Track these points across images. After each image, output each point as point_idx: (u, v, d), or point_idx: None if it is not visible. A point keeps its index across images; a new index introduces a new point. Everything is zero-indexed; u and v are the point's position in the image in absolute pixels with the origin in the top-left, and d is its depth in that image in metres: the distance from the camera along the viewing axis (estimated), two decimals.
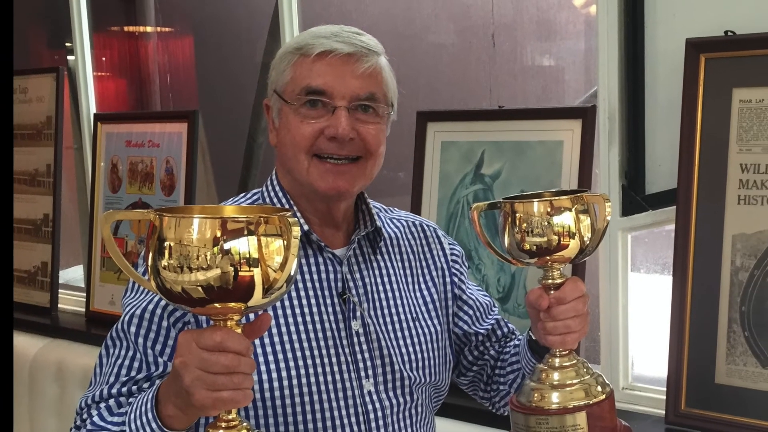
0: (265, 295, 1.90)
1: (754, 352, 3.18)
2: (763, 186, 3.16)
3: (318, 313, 2.51)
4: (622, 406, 3.58)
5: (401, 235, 2.78)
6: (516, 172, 3.83)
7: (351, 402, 2.51)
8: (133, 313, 2.42)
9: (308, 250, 2.55)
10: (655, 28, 3.47)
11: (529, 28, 4.57)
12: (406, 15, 5.04)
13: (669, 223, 3.45)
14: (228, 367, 1.92)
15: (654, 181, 3.54)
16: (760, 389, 3.16)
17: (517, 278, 3.85)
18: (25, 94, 5.83)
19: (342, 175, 2.49)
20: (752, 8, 3.22)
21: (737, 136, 3.22)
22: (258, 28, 5.41)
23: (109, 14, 6.35)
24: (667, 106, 3.45)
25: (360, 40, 2.53)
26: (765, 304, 3.16)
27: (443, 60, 4.92)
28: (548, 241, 2.36)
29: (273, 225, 1.89)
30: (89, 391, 2.43)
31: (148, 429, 2.13)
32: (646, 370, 3.71)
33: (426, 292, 2.77)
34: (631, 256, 3.67)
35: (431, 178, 4.09)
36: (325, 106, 2.46)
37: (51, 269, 5.62)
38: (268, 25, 5.21)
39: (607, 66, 3.54)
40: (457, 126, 4.06)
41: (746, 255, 3.19)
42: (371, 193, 2.73)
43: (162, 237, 1.86)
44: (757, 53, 3.19)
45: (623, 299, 3.66)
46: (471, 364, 2.91)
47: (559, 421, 2.37)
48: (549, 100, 4.50)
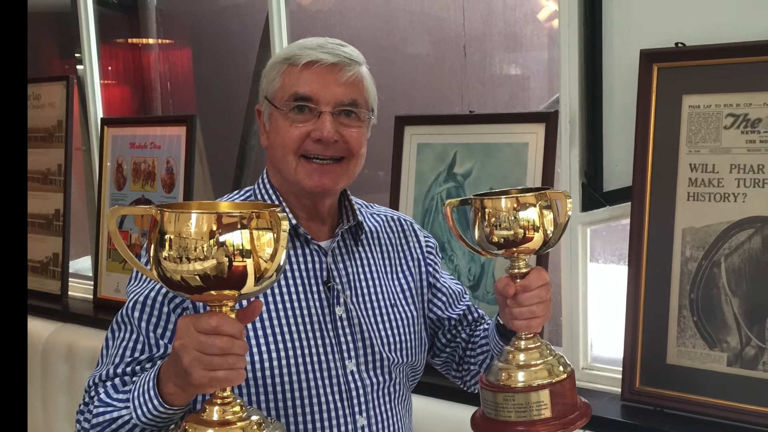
0: (256, 284, 1.91)
1: (702, 335, 3.19)
2: (711, 184, 3.18)
3: (305, 300, 2.52)
4: (582, 384, 3.59)
5: (381, 228, 2.79)
6: (485, 171, 3.84)
7: (335, 381, 2.52)
8: (137, 300, 2.43)
9: (296, 242, 2.55)
10: (612, 40, 3.48)
11: (497, 40, 4.57)
12: (385, 28, 5.04)
13: (624, 218, 3.45)
14: (223, 349, 1.93)
15: (611, 180, 3.54)
16: (708, 369, 3.18)
17: (486, 268, 3.85)
18: (38, 100, 5.81)
19: (327, 174, 2.50)
20: (700, 22, 3.23)
21: (687, 138, 3.22)
22: (250, 40, 5.40)
23: (114, 27, 6.33)
24: (623, 111, 3.45)
25: (343, 51, 2.53)
26: (712, 292, 3.17)
27: (419, 69, 4.92)
28: (515, 234, 2.37)
29: (264, 219, 1.90)
30: (96, 371, 2.43)
31: (150, 405, 2.15)
32: (604, 351, 3.71)
33: (403, 281, 2.77)
34: (590, 248, 3.66)
35: (408, 176, 4.10)
36: (312, 111, 2.47)
37: (62, 260, 5.62)
38: (259, 38, 5.21)
39: (568, 75, 3.54)
40: (431, 129, 4.06)
41: (695, 247, 3.21)
42: (353, 190, 2.74)
43: (163, 230, 1.87)
44: (705, 63, 3.20)
45: (583, 287, 3.66)
46: (444, 346, 2.91)
47: (524, 398, 2.38)
48: (515, 106, 4.50)
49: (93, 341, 4.94)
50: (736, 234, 3.12)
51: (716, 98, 3.17)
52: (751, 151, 3.09)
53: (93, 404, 2.34)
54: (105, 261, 5.42)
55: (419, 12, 4.88)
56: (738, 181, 3.12)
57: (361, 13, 5.21)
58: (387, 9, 5.07)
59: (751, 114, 3.09)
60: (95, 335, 4.99)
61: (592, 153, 3.56)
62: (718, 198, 3.16)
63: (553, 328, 3.83)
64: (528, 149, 3.71)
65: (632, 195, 3.34)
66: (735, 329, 3.13)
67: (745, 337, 3.11)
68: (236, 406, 2.01)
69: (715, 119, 3.17)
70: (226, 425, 1.98)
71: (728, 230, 3.14)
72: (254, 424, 2.00)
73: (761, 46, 3.06)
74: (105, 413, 2.28)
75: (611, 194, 3.53)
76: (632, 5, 3.41)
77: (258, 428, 2.00)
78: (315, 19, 5.32)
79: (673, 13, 3.30)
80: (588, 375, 3.65)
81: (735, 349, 3.13)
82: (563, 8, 3.52)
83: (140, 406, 2.16)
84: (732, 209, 3.13)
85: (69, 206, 5.64)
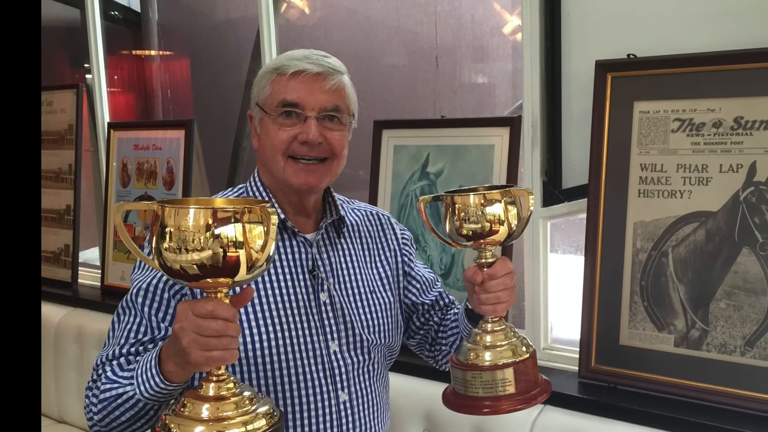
0: (248, 272, 1.91)
1: (652, 318, 3.20)
2: (659, 182, 3.18)
3: (292, 287, 2.52)
4: (543, 363, 3.59)
5: (361, 222, 2.79)
6: (455, 171, 3.84)
7: (319, 360, 2.52)
8: (140, 287, 2.43)
9: (284, 234, 2.55)
10: (570, 51, 3.48)
11: (466, 52, 4.56)
12: (365, 41, 5.03)
13: (581, 213, 3.45)
14: (218, 331, 1.94)
15: (569, 178, 3.55)
16: (656, 349, 3.19)
17: (456, 258, 3.86)
18: (50, 106, 5.79)
19: (312, 172, 2.50)
20: (650, 36, 3.24)
21: (638, 140, 3.23)
22: (243, 52, 5.39)
23: (120, 40, 6.30)
24: (580, 116, 3.46)
25: (327, 62, 2.54)
26: (660, 280, 3.18)
27: (395, 78, 4.91)
28: (482, 227, 2.37)
29: (255, 214, 1.90)
30: (103, 351, 2.43)
31: (152, 382, 2.15)
32: (563, 333, 3.72)
33: (381, 269, 2.78)
34: (550, 240, 3.67)
35: (385, 175, 4.10)
36: (298, 116, 2.47)
37: (72, 250, 5.61)
38: (251, 50, 5.20)
39: (531, 83, 3.54)
40: (406, 133, 4.06)
41: (645, 239, 3.22)
42: (336, 188, 2.74)
43: (164, 224, 1.87)
44: (654, 73, 3.20)
45: (543, 275, 3.67)
46: (418, 328, 2.92)
47: (490, 376, 2.38)
48: (482, 111, 4.49)
49: (100, 324, 4.95)
50: (682, 227, 3.14)
51: (664, 104, 3.18)
52: (696, 152, 3.10)
53: (100, 381, 2.34)
54: (111, 252, 5.41)
55: (396, 26, 4.87)
56: (684, 180, 3.13)
57: (343, 27, 5.21)
58: (367, 24, 5.07)
59: (696, 119, 3.10)
60: (102, 319, 5.01)
61: (552, 154, 3.57)
62: (666, 195, 3.17)
63: (516, 312, 3.84)
64: (494, 150, 3.71)
65: (588, 192, 3.35)
66: (681, 313, 3.14)
67: (691, 320, 3.12)
68: (230, 383, 2.01)
69: (663, 123, 3.18)
70: (220, 400, 1.98)
71: (675, 224, 3.15)
72: (246, 399, 2.01)
73: (704, 57, 3.07)
74: (111, 389, 2.29)
75: (569, 191, 3.54)
76: (588, 20, 3.42)
77: (250, 403, 2.01)
78: (301, 33, 5.31)
79: (625, 28, 3.31)
80: (548, 355, 3.66)
81: (681, 332, 3.14)
82: (526, 23, 3.53)
83: (143, 383, 2.17)
84: (678, 205, 3.14)
85: (79, 202, 5.64)
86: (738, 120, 3.02)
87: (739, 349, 3.01)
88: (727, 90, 3.04)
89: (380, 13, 4.97)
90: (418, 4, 4.74)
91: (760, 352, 2.97)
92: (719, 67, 3.05)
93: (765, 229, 2.96)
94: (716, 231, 3.06)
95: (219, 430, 1.94)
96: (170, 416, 1.99)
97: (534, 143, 3.57)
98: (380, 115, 4.18)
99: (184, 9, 6.32)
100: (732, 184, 3.03)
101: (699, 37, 3.13)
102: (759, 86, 2.97)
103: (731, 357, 3.03)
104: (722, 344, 3.05)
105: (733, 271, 3.02)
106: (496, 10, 4.50)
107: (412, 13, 4.78)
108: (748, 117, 3.00)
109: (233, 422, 1.96)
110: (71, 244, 5.63)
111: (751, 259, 2.99)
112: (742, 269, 3.00)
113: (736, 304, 3.02)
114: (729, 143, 3.04)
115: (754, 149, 2.98)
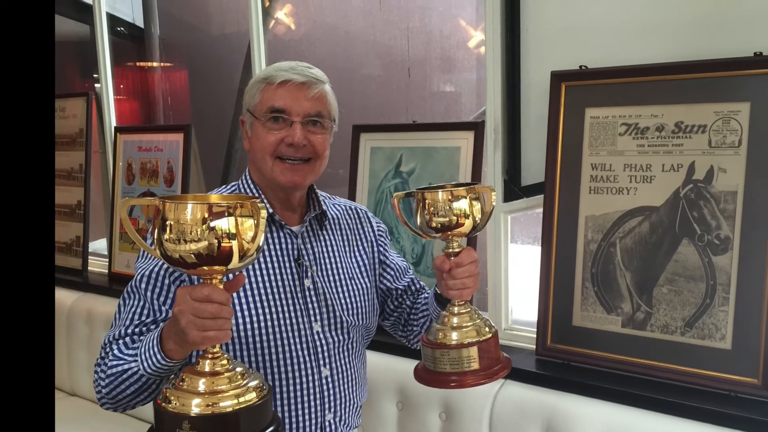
0: (240, 261, 1.92)
1: (601, 302, 3.21)
2: (608, 180, 3.19)
3: (279, 274, 2.52)
4: (504, 342, 3.61)
5: (341, 216, 2.79)
6: (426, 170, 3.84)
7: (304, 339, 2.52)
8: (143, 274, 2.43)
9: (272, 227, 2.55)
10: (528, 63, 3.48)
11: (435, 64, 4.56)
12: (344, 54, 5.02)
13: (538, 207, 3.45)
14: (213, 314, 1.94)
15: (527, 176, 3.55)
16: (605, 330, 3.19)
17: (426, 248, 3.86)
18: (63, 112, 5.78)
19: (297, 171, 2.50)
20: (600, 49, 3.25)
21: (589, 143, 3.24)
22: (235, 64, 5.37)
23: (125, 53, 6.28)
24: (537, 121, 3.46)
25: (311, 72, 2.54)
26: (609, 267, 3.19)
27: (372, 87, 4.90)
28: (449, 220, 2.36)
29: (246, 209, 1.90)
30: (110, 332, 2.43)
31: (154, 359, 2.16)
32: (522, 315, 3.71)
33: (359, 258, 2.78)
34: (510, 232, 3.67)
35: (363, 174, 4.09)
36: (285, 121, 2.47)
37: (82, 241, 5.61)
38: (243, 61, 5.19)
39: (493, 91, 3.54)
40: (382, 136, 4.05)
41: (595, 231, 3.23)
42: (319, 185, 2.74)
43: (165, 217, 1.87)
44: (603, 82, 3.20)
45: (504, 263, 3.68)
46: (392, 311, 2.92)
47: (457, 354, 2.38)
48: (450, 117, 4.49)
49: (108, 307, 4.97)
50: (629, 220, 3.14)
51: (613, 111, 3.19)
52: (641, 153, 3.11)
53: (108, 359, 2.34)
54: (117, 242, 5.41)
55: (372, 41, 4.87)
56: (630, 178, 3.14)
57: (325, 41, 5.20)
58: (346, 38, 5.06)
59: (641, 123, 3.11)
60: (110, 302, 5.01)
61: (512, 155, 3.56)
62: (614, 191, 3.18)
63: (480, 296, 3.84)
64: (460, 152, 3.71)
65: (544, 189, 3.35)
66: (628, 297, 3.15)
67: (636, 304, 3.13)
68: (224, 360, 2.01)
69: (611, 127, 3.19)
70: (215, 375, 1.98)
71: (622, 217, 3.16)
72: (238, 374, 2.01)
73: (648, 68, 3.08)
74: (117, 366, 2.29)
75: (527, 188, 3.54)
76: (544, 35, 3.42)
77: (241, 378, 2.01)
78: (288, 46, 5.30)
79: (578, 42, 3.32)
80: (509, 334, 3.67)
81: (628, 314, 3.15)
82: (488, 37, 3.53)
83: (146, 360, 2.18)
84: (625, 200, 3.15)
85: (88, 198, 5.63)
86: (678, 124, 3.03)
87: (680, 330, 3.03)
88: (669, 98, 3.05)
89: (358, 28, 4.97)
90: (392, 20, 4.74)
91: (698, 332, 2.99)
92: (662, 77, 3.06)
93: (702, 222, 2.97)
94: (659, 224, 3.07)
95: (214, 401, 1.94)
96: (170, 389, 1.99)
97: (496, 145, 3.57)
98: (358, 120, 4.18)
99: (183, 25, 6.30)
100: (673, 181, 3.04)
101: (644, 50, 3.14)
102: (697, 94, 2.98)
103: (672, 336, 3.05)
104: (664, 325, 3.07)
105: (674, 259, 3.03)
106: (462, 25, 4.50)
107: (387, 29, 4.77)
108: (688, 122, 3.01)
109: (227, 395, 1.96)
110: (82, 235, 5.64)
111: (690, 249, 3.00)
112: (682, 258, 3.02)
113: (676, 289, 3.03)
114: (670, 145, 3.05)
115: (693, 151, 2.99)
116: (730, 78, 2.92)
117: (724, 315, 2.94)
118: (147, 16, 6.36)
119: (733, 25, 2.95)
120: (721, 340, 2.95)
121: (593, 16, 3.27)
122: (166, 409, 1.96)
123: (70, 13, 6.20)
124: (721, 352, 2.95)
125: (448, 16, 4.55)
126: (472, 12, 4.45)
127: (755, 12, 2.90)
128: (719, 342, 2.95)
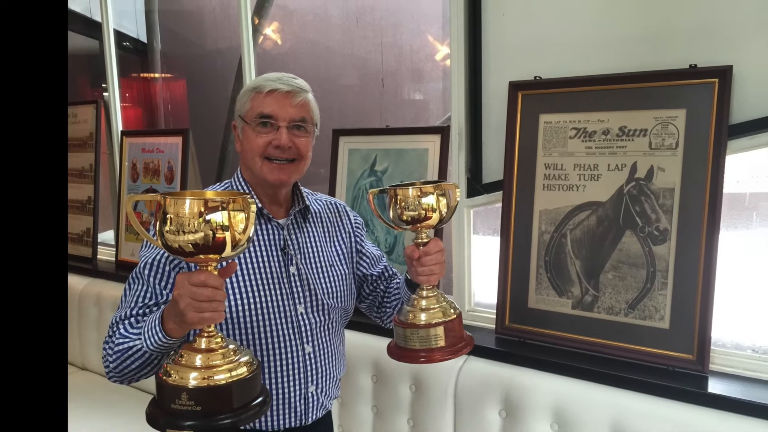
0: (233, 250, 1.91)
1: (554, 286, 3.22)
2: (560, 178, 3.20)
3: (267, 262, 2.52)
4: (468, 322, 3.62)
5: (322, 210, 2.79)
6: (397, 169, 3.83)
7: (289, 320, 2.52)
8: (147, 262, 2.42)
9: (261, 220, 2.55)
10: (489, 74, 3.48)
11: (406, 75, 4.55)
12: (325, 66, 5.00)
13: (498, 202, 3.44)
14: (209, 297, 1.95)
15: (488, 175, 3.55)
16: (557, 311, 3.20)
17: (398, 239, 3.85)
18: (75, 117, 5.77)
19: (283, 170, 2.50)
20: (552, 61, 3.25)
21: (542, 145, 3.24)
22: (228, 74, 5.35)
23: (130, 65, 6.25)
24: (497, 126, 3.46)
25: (295, 82, 2.53)
26: (561, 256, 3.20)
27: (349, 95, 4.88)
28: (418, 214, 2.36)
29: (238, 204, 1.90)
30: (117, 313, 2.42)
31: (156, 338, 2.15)
32: (483, 298, 3.70)
33: (338, 248, 2.77)
34: (472, 224, 3.67)
35: (342, 172, 4.08)
36: (272, 126, 2.46)
37: (92, 232, 5.59)
38: (235, 72, 5.18)
39: (457, 99, 3.54)
40: (358, 139, 4.04)
41: (548, 223, 3.23)
42: (302, 182, 2.73)
43: (165, 211, 1.86)
44: (555, 91, 3.20)
45: (467, 252, 3.68)
46: (368, 294, 2.92)
47: (425, 332, 2.38)
48: (419, 122, 4.47)
49: (115, 291, 4.97)
50: (578, 214, 3.15)
51: (564, 116, 3.19)
52: (588, 155, 3.12)
53: (115, 337, 2.33)
54: (123, 233, 5.40)
55: (350, 54, 4.85)
56: (579, 176, 3.15)
57: (308, 54, 5.18)
58: (326, 52, 5.04)
59: (589, 128, 3.12)
60: (116, 287, 5.01)
61: (474, 156, 3.56)
62: (565, 188, 3.19)
63: (446, 281, 3.83)
64: (428, 153, 3.71)
65: (503, 186, 3.36)
66: (577, 282, 3.16)
67: (584, 288, 3.14)
68: (218, 338, 2.02)
69: (563, 131, 3.19)
70: (210, 351, 1.99)
71: (572, 211, 3.17)
72: (231, 351, 2.01)
73: (595, 79, 3.09)
74: (123, 343, 2.28)
75: (488, 185, 3.54)
76: (504, 49, 3.42)
77: (234, 354, 2.01)
78: (275, 59, 5.29)
79: (533, 55, 3.31)
80: (471, 315, 3.67)
81: (577, 297, 3.16)
82: (453, 51, 3.53)
83: (149, 338, 2.17)
84: (575, 196, 3.16)
85: (98, 194, 5.62)
86: (622, 129, 3.03)
87: (623, 311, 3.04)
88: (614, 105, 3.05)
89: (337, 43, 4.95)
90: (368, 36, 4.73)
91: (640, 313, 3.00)
92: (608, 86, 3.06)
93: (644, 216, 2.98)
94: (605, 217, 3.08)
95: (209, 375, 1.95)
96: (171, 364, 1.99)
97: (460, 147, 3.57)
98: (337, 124, 4.17)
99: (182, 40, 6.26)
100: (617, 179, 3.05)
101: (592, 63, 3.14)
102: (639, 102, 2.99)
103: (617, 317, 3.06)
104: (610, 307, 3.08)
105: (618, 249, 3.04)
106: (429, 41, 4.50)
107: (363, 44, 4.76)
108: (630, 126, 3.02)
109: (220, 369, 1.96)
110: (92, 227, 5.63)
111: (632, 240, 3.01)
112: (626, 247, 3.02)
113: (620, 275, 3.04)
114: (615, 147, 3.05)
115: (635, 152, 3.00)
116: (668, 87, 2.93)
117: (663, 298, 2.95)
118: (150, 32, 6.33)
119: (671, 40, 2.96)
120: (660, 320, 2.96)
121: (547, 33, 3.27)
122: (167, 381, 1.96)
123: (81, 29, 6.17)
124: (660, 331, 2.96)
125: (418, 32, 4.54)
126: (439, 29, 4.45)
127: (691, 29, 2.91)
128: (659, 322, 2.97)
